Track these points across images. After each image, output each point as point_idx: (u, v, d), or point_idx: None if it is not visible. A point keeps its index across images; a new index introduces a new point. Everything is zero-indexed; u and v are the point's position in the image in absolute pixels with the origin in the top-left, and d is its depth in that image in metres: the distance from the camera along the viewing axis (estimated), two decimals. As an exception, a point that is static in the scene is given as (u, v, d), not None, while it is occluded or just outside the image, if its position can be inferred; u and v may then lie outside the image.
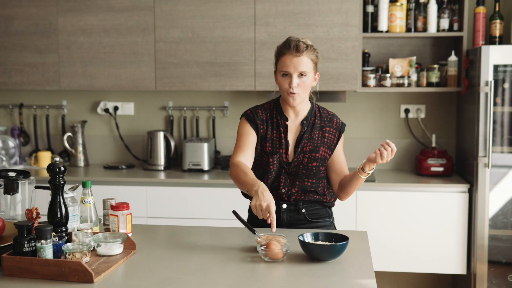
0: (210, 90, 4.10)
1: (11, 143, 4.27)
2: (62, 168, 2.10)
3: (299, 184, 2.49)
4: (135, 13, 3.91)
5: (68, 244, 2.00)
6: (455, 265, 3.68)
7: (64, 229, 2.11)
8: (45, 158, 4.21)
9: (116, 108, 4.35)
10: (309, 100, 2.58)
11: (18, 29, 4.02)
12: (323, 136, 2.52)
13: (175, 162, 4.29)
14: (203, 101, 4.30)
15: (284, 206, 2.50)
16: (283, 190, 2.49)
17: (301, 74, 2.42)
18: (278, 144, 2.49)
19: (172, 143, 4.15)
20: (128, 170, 4.13)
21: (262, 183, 2.23)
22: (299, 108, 2.52)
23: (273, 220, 2.15)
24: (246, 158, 2.45)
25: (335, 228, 2.63)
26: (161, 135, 4.15)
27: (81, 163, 4.27)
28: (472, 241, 3.63)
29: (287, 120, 2.52)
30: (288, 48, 2.42)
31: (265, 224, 2.48)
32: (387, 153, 2.29)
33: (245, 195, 2.54)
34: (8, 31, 4.03)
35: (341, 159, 2.58)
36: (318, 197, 2.52)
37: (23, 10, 3.99)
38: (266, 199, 2.15)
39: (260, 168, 2.53)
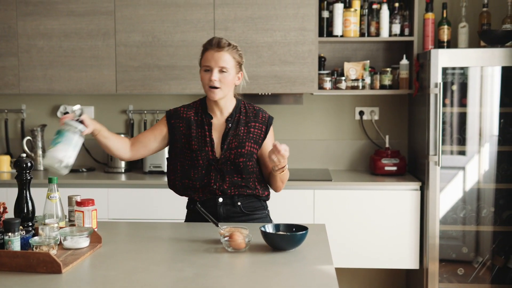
0: (170, 94, 4.17)
1: (-31, 147, 4.23)
2: (29, 164, 2.15)
3: (229, 180, 2.56)
4: (95, 18, 3.95)
5: (35, 237, 2.04)
6: (408, 261, 3.82)
7: (30, 224, 2.16)
8: (4, 162, 4.18)
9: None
10: (235, 97, 2.65)
11: (-24, 33, 4.01)
12: (249, 131, 2.58)
13: (136, 165, 4.33)
14: (164, 104, 4.36)
15: (220, 200, 2.58)
16: (215, 186, 2.56)
17: (221, 70, 2.49)
18: (203, 142, 2.56)
19: (133, 146, 4.19)
20: (88, 173, 4.15)
21: (98, 124, 2.50)
22: (223, 105, 2.59)
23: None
24: (135, 144, 2.63)
25: (271, 220, 2.71)
26: (121, 138, 4.19)
27: (41, 166, 4.27)
28: (424, 237, 3.79)
29: (211, 118, 2.59)
30: (210, 44, 2.54)
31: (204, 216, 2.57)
32: (277, 158, 2.37)
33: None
34: (-34, 34, 4.02)
35: None
36: (251, 191, 2.59)
37: (-19, 14, 3.99)
38: None
39: (185, 164, 2.59)
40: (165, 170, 4.05)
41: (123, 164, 4.17)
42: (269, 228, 2.23)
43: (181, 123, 2.61)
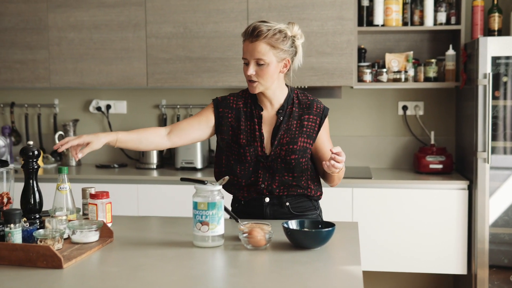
0: (202, 87, 4.02)
1: (2, 142, 4.17)
2: (36, 152, 2.02)
3: (279, 179, 2.32)
4: (126, 9, 3.84)
5: (40, 230, 1.91)
6: (455, 265, 3.55)
7: (37, 216, 2.03)
8: (36, 157, 4.12)
9: (108, 107, 4.27)
10: (286, 85, 2.39)
11: (8, 26, 3.96)
12: (302, 125, 2.34)
13: (168, 161, 4.20)
14: (197, 98, 4.21)
15: (267, 200, 2.35)
16: (263, 186, 2.33)
17: (258, 62, 2.25)
18: (253, 137, 2.33)
19: (165, 142, 4.06)
20: (120, 169, 4.04)
21: (110, 133, 2.25)
22: (272, 96, 2.34)
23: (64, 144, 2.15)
24: (175, 131, 2.36)
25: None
26: (153, 133, 4.06)
27: (73, 162, 4.19)
28: (472, 240, 3.52)
29: (261, 110, 2.36)
30: (246, 33, 2.27)
31: (249, 216, 2.38)
32: (331, 170, 2.16)
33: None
34: (-2, 28, 3.98)
35: (325, 146, 2.39)
36: (302, 190, 2.36)
37: (13, 6, 3.94)
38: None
39: (231, 158, 2.36)
40: (198, 166, 3.93)
41: (155, 160, 4.04)
42: (293, 225, 2.04)
43: (230, 113, 2.37)
